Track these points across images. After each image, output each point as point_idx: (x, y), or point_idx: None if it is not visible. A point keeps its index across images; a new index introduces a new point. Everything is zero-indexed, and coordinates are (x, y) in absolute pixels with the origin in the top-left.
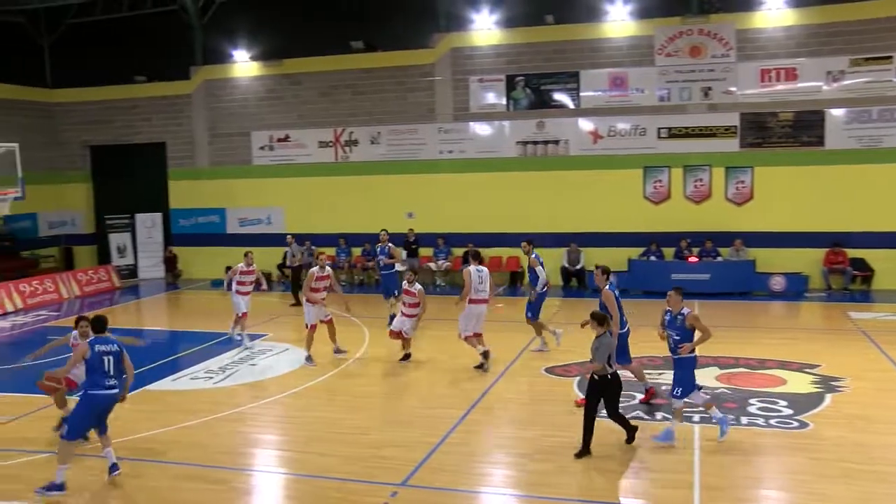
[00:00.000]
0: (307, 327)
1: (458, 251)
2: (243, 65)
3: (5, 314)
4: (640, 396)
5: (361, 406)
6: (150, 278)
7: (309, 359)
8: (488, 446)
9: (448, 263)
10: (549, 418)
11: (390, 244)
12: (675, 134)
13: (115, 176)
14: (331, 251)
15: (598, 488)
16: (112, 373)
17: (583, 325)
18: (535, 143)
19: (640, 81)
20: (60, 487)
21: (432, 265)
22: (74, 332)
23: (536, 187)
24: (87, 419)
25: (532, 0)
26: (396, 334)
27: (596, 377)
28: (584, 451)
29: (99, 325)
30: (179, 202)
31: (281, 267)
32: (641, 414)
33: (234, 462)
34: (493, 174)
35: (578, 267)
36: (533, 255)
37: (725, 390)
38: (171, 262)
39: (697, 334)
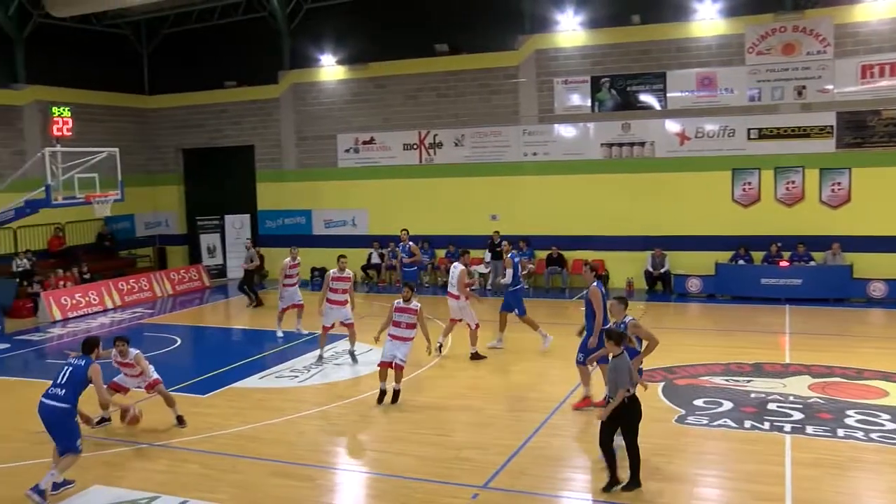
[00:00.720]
0: (323, 329)
1: (542, 254)
2: (329, 69)
3: (105, 311)
4: (729, 405)
5: (443, 407)
6: (238, 278)
7: (320, 359)
8: (570, 451)
9: (531, 266)
10: None
11: (411, 243)
12: (765, 135)
13: (206, 178)
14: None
15: (683, 499)
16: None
17: (579, 334)
18: (621, 144)
19: (730, 81)
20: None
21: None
22: (114, 352)
23: (621, 189)
24: None
25: (618, 0)
26: (387, 364)
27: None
28: (613, 483)
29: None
30: (267, 204)
31: (365, 268)
32: (730, 422)
33: (318, 459)
34: (578, 176)
35: (663, 271)
36: (509, 256)
37: (818, 400)
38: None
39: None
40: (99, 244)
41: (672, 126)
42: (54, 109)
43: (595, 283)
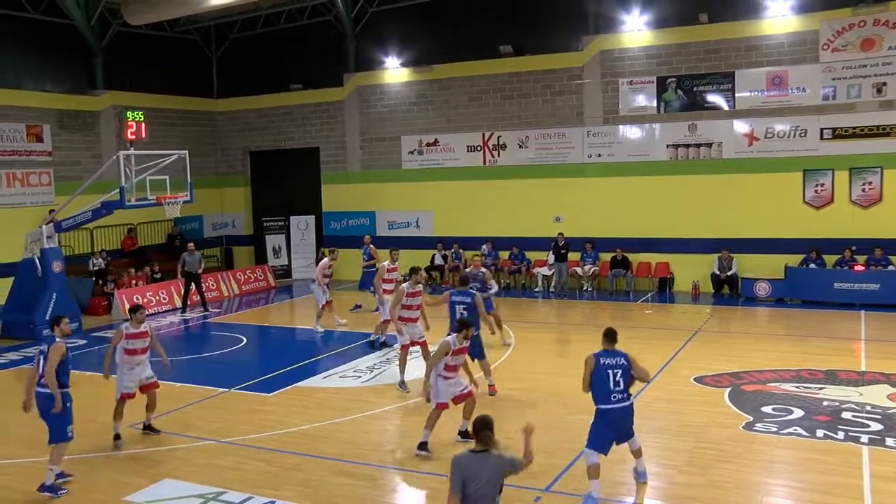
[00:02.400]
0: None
1: (606, 256)
2: (394, 71)
3: (174, 309)
4: (800, 413)
5: (505, 409)
6: (303, 278)
7: (402, 384)
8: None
9: (595, 268)
10: (698, 429)
11: (371, 246)
12: (840, 135)
13: (272, 180)
14: (476, 254)
15: None
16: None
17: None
18: (687, 146)
19: (802, 80)
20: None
21: (579, 270)
22: (126, 324)
23: (687, 191)
24: None
25: None
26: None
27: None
28: None
29: None
30: (331, 205)
31: (429, 270)
32: (801, 431)
33: (380, 459)
34: (643, 178)
35: (730, 274)
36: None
37: None
38: None
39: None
40: (169, 244)
41: (740, 126)
42: (128, 114)
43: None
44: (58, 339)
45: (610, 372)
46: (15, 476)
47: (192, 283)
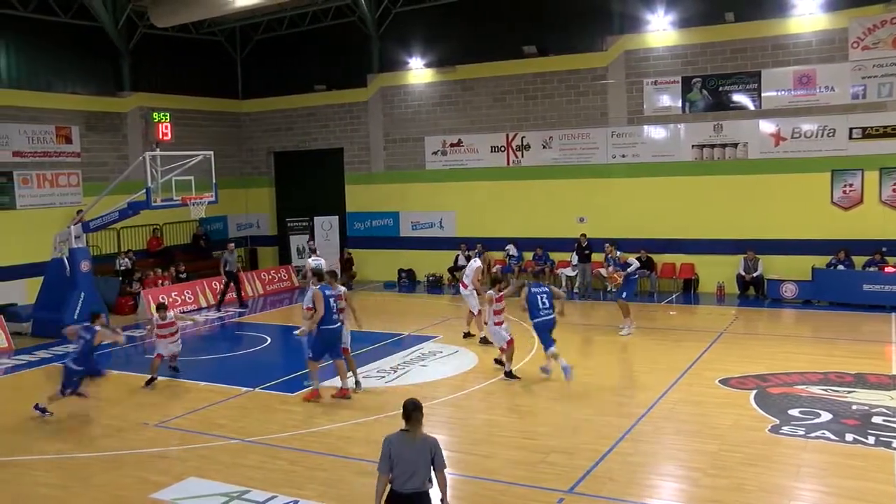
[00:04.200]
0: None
1: (630, 257)
2: (418, 72)
3: (199, 309)
4: (828, 416)
5: (529, 410)
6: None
7: (510, 374)
8: (658, 457)
9: (611, 270)
10: (723, 432)
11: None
12: (870, 134)
13: (296, 180)
14: (500, 255)
15: None
16: None
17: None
18: (713, 146)
19: (830, 78)
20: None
21: (602, 271)
22: (155, 317)
23: (712, 191)
24: None
25: None
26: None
27: None
28: None
29: None
30: (355, 206)
31: (452, 270)
32: (829, 434)
33: None
34: (667, 178)
35: (756, 275)
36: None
37: None
38: (347, 264)
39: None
40: (194, 244)
41: (767, 126)
42: (155, 115)
43: (318, 287)
44: (98, 329)
45: (539, 296)
46: (53, 472)
47: (231, 282)
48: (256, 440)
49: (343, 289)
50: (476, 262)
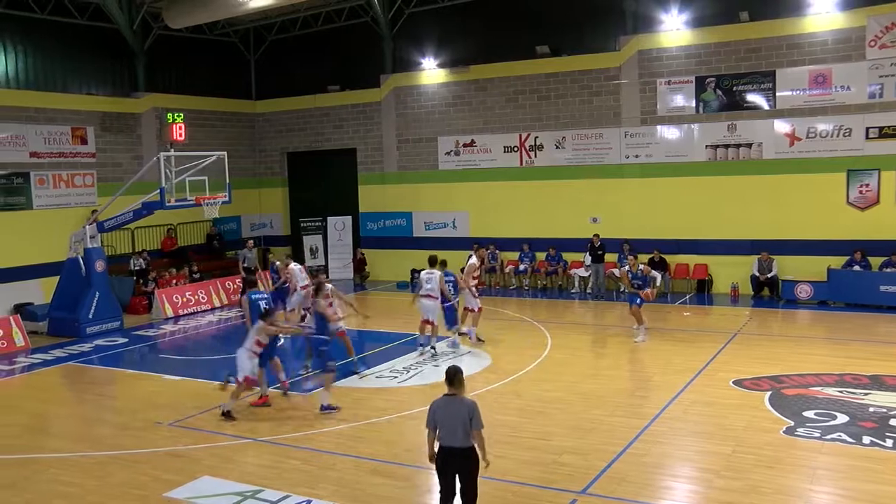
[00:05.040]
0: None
1: (644, 258)
2: (431, 72)
3: (212, 309)
4: (844, 419)
5: (543, 411)
6: (340, 279)
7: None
8: (672, 459)
9: (621, 268)
10: (737, 433)
11: (278, 263)
12: (887, 133)
13: (309, 180)
14: (513, 255)
15: None
16: None
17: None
18: (727, 146)
19: (847, 78)
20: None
21: (616, 271)
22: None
23: (726, 192)
24: None
25: None
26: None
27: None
28: None
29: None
30: (368, 206)
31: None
32: (845, 437)
33: (416, 460)
34: (681, 178)
35: (770, 276)
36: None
37: None
38: (360, 264)
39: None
40: (208, 244)
41: (781, 126)
42: (169, 115)
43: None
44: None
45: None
46: (69, 470)
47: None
48: (270, 440)
49: (330, 286)
50: (472, 260)
